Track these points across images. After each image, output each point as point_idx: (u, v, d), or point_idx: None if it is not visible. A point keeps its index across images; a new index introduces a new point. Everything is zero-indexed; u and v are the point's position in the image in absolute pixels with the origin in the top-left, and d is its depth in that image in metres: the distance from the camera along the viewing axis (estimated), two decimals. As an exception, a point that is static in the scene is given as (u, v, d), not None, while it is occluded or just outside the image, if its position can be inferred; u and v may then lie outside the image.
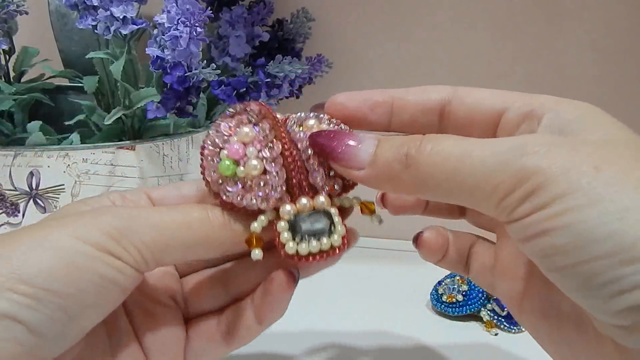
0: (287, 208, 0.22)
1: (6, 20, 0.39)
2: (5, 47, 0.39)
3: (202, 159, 0.23)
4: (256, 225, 0.22)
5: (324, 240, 0.22)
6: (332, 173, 0.23)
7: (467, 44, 0.48)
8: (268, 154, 0.22)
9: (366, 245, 0.52)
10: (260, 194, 0.22)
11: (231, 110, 0.23)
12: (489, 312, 0.39)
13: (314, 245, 0.22)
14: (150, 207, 0.24)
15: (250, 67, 0.41)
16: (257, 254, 0.22)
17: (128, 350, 0.24)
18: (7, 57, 0.41)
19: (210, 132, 0.23)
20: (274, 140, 0.23)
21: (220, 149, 0.23)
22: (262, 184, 0.22)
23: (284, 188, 0.22)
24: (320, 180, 0.22)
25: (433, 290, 0.42)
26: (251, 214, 0.22)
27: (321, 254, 0.22)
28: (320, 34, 0.49)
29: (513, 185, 0.17)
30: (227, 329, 0.25)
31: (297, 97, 0.43)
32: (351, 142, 0.21)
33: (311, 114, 0.24)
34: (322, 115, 0.24)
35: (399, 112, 0.24)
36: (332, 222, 0.22)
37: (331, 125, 0.23)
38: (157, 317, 0.25)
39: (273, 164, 0.22)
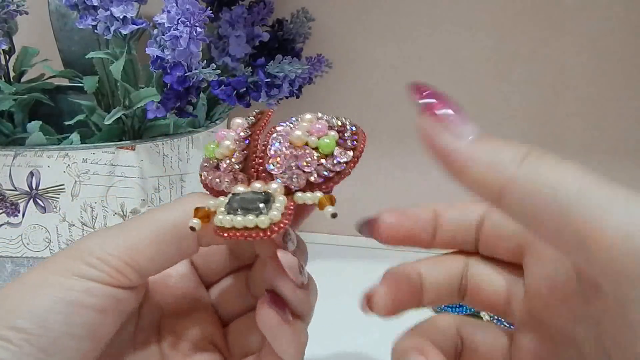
0: (239, 189, 0.22)
1: (6, 20, 0.39)
2: (5, 47, 0.39)
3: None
4: (211, 203, 0.21)
5: (250, 217, 0.20)
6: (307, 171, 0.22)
7: (467, 44, 0.48)
8: (239, 135, 0.23)
9: (367, 245, 0.52)
10: (222, 174, 0.22)
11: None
12: (488, 312, 0.39)
13: (239, 220, 0.20)
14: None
15: (250, 67, 0.41)
16: (194, 222, 0.21)
17: None
18: (7, 57, 0.41)
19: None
20: (250, 128, 0.23)
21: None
22: (225, 165, 0.22)
23: (240, 170, 0.22)
24: (278, 169, 0.22)
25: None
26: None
27: (243, 231, 0.20)
28: (320, 34, 0.49)
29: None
30: None
31: (297, 97, 0.43)
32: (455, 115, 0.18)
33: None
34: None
35: (441, 229, 0.24)
36: (267, 205, 0.21)
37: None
38: None
39: (239, 143, 0.23)
